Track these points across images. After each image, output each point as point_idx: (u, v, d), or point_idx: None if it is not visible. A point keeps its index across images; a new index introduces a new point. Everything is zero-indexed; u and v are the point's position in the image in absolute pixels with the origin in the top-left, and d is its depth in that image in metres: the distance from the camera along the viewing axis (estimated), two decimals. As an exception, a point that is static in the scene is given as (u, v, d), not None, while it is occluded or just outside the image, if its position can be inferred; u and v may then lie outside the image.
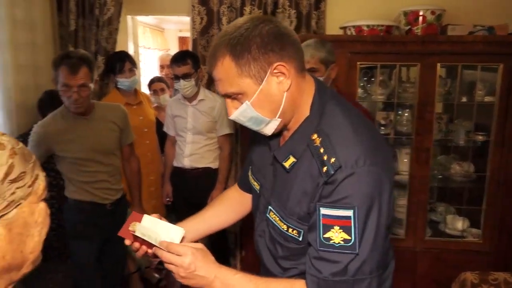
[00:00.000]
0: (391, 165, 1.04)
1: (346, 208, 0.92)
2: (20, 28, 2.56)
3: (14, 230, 0.62)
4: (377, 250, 0.95)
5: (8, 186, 0.59)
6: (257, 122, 1.03)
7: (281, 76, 0.98)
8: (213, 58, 0.99)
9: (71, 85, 1.93)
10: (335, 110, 1.02)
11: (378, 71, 2.47)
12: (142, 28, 4.83)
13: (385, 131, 2.57)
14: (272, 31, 0.96)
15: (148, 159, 2.85)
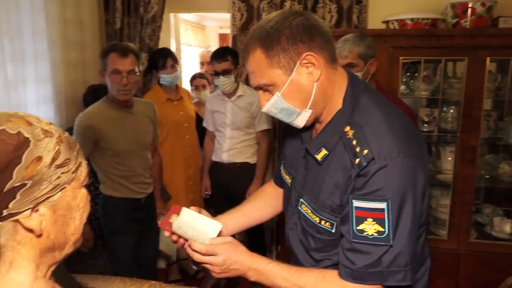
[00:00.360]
0: (425, 158, 1.03)
1: (379, 200, 0.92)
2: (70, 27, 2.68)
3: (58, 212, 0.67)
4: (412, 243, 0.95)
5: (54, 170, 0.64)
6: (288, 114, 1.04)
7: (311, 67, 0.99)
8: (245, 51, 1.03)
9: (121, 70, 2.02)
10: (369, 103, 1.01)
11: (422, 66, 2.39)
12: (184, 25, 4.93)
13: (428, 128, 2.48)
14: (302, 23, 0.98)
15: (188, 154, 2.91)
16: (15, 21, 2.21)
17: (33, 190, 0.62)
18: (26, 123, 0.64)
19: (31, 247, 0.66)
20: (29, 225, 0.64)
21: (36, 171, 0.62)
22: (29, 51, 2.32)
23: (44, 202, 0.64)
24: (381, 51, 2.24)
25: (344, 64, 1.94)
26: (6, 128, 0.61)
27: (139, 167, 2.23)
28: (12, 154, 0.60)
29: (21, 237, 0.65)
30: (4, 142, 0.60)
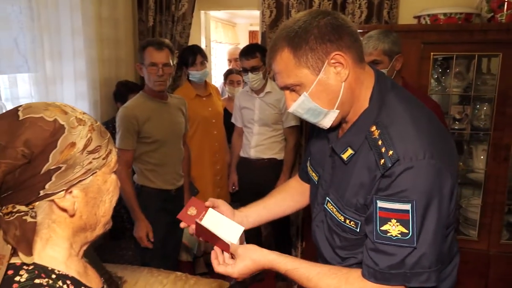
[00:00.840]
0: (453, 157, 1.00)
1: (404, 201, 0.91)
2: (105, 25, 2.78)
3: (90, 195, 0.73)
4: (436, 245, 0.93)
5: (86, 156, 0.70)
6: (315, 114, 1.04)
7: (339, 66, 0.98)
8: (272, 51, 1.03)
9: (157, 63, 2.19)
10: (395, 102, 1.00)
11: (454, 62, 2.33)
12: (215, 23, 5.00)
13: (460, 126, 2.42)
14: (330, 23, 0.98)
15: (215, 149, 2.97)
16: (54, 19, 2.32)
17: (67, 173, 0.68)
18: (62, 111, 0.70)
19: (65, 226, 0.72)
20: (63, 205, 0.69)
21: (70, 156, 0.68)
22: (66, 49, 2.43)
23: (77, 184, 0.70)
24: (411, 47, 2.21)
25: (368, 61, 1.92)
26: (44, 115, 0.67)
27: (173, 157, 2.35)
28: (48, 139, 0.66)
29: (56, 216, 0.71)
30: (42, 128, 0.66)
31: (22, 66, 2.25)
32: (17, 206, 0.65)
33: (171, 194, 2.38)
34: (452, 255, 1.11)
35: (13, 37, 2.17)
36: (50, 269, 0.68)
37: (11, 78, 2.15)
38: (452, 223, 1.05)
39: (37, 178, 0.66)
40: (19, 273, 0.64)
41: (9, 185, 0.64)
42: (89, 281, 0.75)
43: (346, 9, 2.73)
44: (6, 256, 0.63)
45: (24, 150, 0.64)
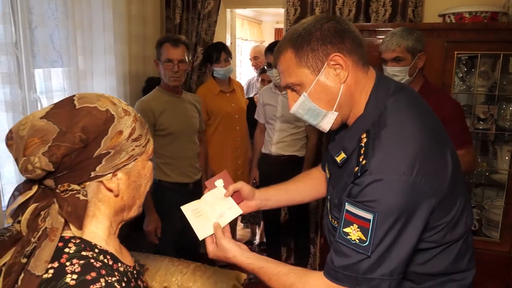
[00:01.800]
0: (445, 175, 0.97)
1: (368, 210, 0.92)
2: (134, 22, 2.88)
3: (131, 178, 0.81)
4: (393, 259, 0.93)
5: (130, 143, 0.78)
6: (314, 115, 1.06)
7: (338, 68, 1.01)
8: (278, 51, 1.08)
9: (173, 59, 2.29)
10: (392, 110, 1.00)
11: (479, 61, 2.31)
12: (241, 20, 5.05)
13: (484, 126, 2.39)
14: (333, 26, 1.01)
15: (238, 144, 3.03)
16: (87, 16, 2.43)
17: (114, 158, 0.76)
18: (111, 103, 0.78)
19: (108, 205, 0.80)
20: (110, 186, 0.78)
21: (118, 143, 0.76)
22: (98, 45, 2.54)
23: (121, 168, 0.79)
24: (435, 45, 2.20)
25: (391, 58, 1.95)
26: (97, 105, 0.75)
27: (189, 150, 2.44)
28: (101, 126, 0.74)
29: (102, 196, 0.79)
30: (96, 117, 0.74)
31: (56, 61, 2.37)
32: (71, 185, 0.73)
33: (189, 188, 2.45)
34: (457, 270, 1.07)
35: (48, 34, 2.29)
36: (93, 244, 0.76)
37: (46, 72, 2.27)
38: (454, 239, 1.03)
39: (90, 161, 0.74)
40: (68, 245, 0.72)
41: (66, 165, 0.72)
42: (124, 258, 0.82)
43: (370, 7, 2.73)
44: (59, 229, 0.71)
45: (82, 135, 0.71)
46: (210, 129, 2.90)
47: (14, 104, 2.03)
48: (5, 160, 2.05)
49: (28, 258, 0.68)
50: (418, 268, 1.05)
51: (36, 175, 0.71)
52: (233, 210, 1.26)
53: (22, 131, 0.72)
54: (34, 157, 0.69)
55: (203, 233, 1.20)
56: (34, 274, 0.67)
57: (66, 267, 0.68)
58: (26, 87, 2.09)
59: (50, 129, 0.71)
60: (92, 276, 0.68)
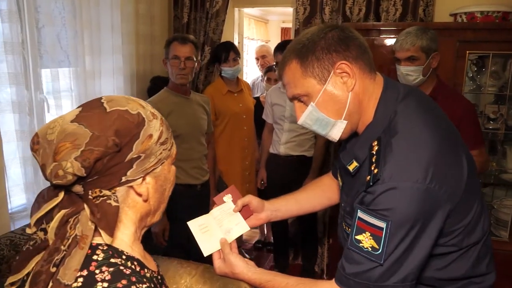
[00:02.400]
0: (459, 182, 0.95)
1: (381, 219, 0.91)
2: (141, 21, 2.87)
3: (158, 182, 0.79)
4: (406, 267, 0.92)
5: (159, 147, 0.76)
6: (323, 125, 1.04)
7: (345, 76, 1.00)
8: (282, 63, 1.06)
9: (180, 56, 2.27)
10: (403, 115, 0.98)
11: (490, 61, 2.28)
12: (247, 20, 5.03)
13: (494, 126, 2.37)
14: (337, 35, 1.00)
15: (245, 144, 3.01)
16: (95, 16, 2.41)
17: (144, 162, 0.74)
18: (140, 106, 0.76)
19: (135, 211, 0.78)
20: (140, 191, 0.76)
21: (148, 146, 0.74)
22: (105, 45, 2.52)
23: (150, 173, 0.77)
24: (446, 45, 2.17)
25: (405, 57, 1.92)
26: (128, 108, 0.73)
27: (196, 151, 2.41)
28: (134, 130, 0.72)
29: (130, 201, 0.77)
30: (128, 120, 0.72)
31: (63, 61, 2.36)
32: (103, 190, 0.71)
33: (197, 189, 2.44)
34: (476, 274, 1.06)
35: (56, 33, 2.28)
36: (120, 250, 0.74)
37: (53, 72, 2.25)
38: (472, 243, 1.02)
39: (122, 165, 0.72)
40: (96, 253, 0.70)
41: (97, 170, 0.70)
42: (148, 263, 0.80)
43: (381, 6, 2.70)
44: (89, 236, 0.68)
45: (115, 139, 0.70)
46: (218, 129, 2.88)
47: (21, 105, 2.02)
48: (12, 162, 2.04)
49: (57, 267, 0.66)
50: (437, 274, 1.03)
51: (67, 181, 0.68)
52: (241, 226, 1.25)
53: (51, 135, 0.69)
54: (66, 162, 0.67)
55: (209, 249, 1.19)
56: (63, 283, 0.64)
57: (96, 275, 0.67)
58: (33, 87, 2.08)
59: (82, 133, 0.68)
60: (123, 284, 0.66)
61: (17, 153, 2.04)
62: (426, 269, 1.01)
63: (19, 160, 2.05)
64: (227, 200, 1.31)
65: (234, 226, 1.24)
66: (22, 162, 2.05)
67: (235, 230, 1.23)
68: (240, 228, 1.24)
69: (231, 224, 1.24)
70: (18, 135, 2.02)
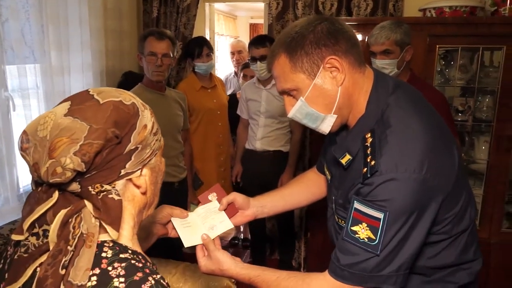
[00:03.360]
0: (451, 172, 0.98)
1: (379, 209, 0.92)
2: (110, 16, 2.77)
3: (153, 174, 0.78)
4: (402, 256, 0.94)
5: (152, 137, 0.75)
6: (313, 119, 1.04)
7: (335, 71, 0.99)
8: (271, 56, 1.05)
9: (157, 52, 2.20)
10: (395, 107, 0.99)
11: (459, 55, 2.37)
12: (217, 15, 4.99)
13: (462, 118, 2.46)
14: (326, 28, 0.99)
15: (220, 141, 2.99)
16: (62, 10, 2.31)
17: (142, 154, 0.73)
18: (131, 96, 0.74)
19: (134, 204, 0.76)
20: (139, 183, 0.74)
21: (144, 137, 0.72)
22: (73, 40, 2.42)
23: (146, 164, 0.75)
24: (417, 39, 2.23)
25: (380, 51, 1.96)
26: (122, 99, 0.71)
27: (172, 149, 2.36)
28: (131, 120, 0.70)
29: (129, 194, 0.75)
30: (124, 111, 0.70)
31: (28, 57, 2.24)
32: (104, 185, 0.68)
33: (174, 187, 2.40)
34: (464, 261, 1.09)
35: (20, 28, 2.16)
36: (124, 245, 0.72)
37: (19, 69, 2.14)
38: (461, 230, 1.04)
39: (121, 158, 0.69)
40: (103, 250, 0.67)
41: (96, 165, 0.66)
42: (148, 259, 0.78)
43: (352, 2, 2.74)
44: (95, 234, 0.66)
45: (115, 131, 0.67)
46: (192, 126, 2.83)
47: (-15, 103, 1.91)
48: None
49: (66, 268, 0.62)
50: (428, 262, 1.06)
51: (66, 178, 0.64)
52: (224, 224, 1.24)
53: (42, 131, 0.65)
54: (65, 158, 0.63)
55: (189, 241, 1.18)
56: (76, 284, 0.61)
57: (109, 272, 0.64)
58: (-3, 85, 1.97)
59: (78, 127, 0.64)
60: (139, 276, 0.65)
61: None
62: (419, 258, 1.03)
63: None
64: (212, 198, 1.29)
65: (218, 223, 1.23)
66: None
67: (219, 227, 1.22)
68: (224, 226, 1.23)
69: (215, 222, 1.23)
70: (-19, 135, 1.91)
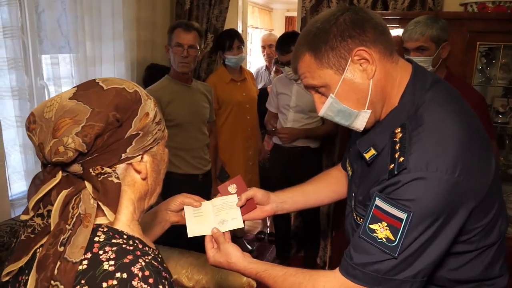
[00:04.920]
0: (487, 178, 0.91)
1: (402, 209, 0.86)
2: (143, 7, 2.80)
3: (155, 162, 0.81)
4: (421, 262, 0.87)
5: (154, 126, 0.78)
6: (346, 116, 0.98)
7: (364, 63, 0.93)
8: (295, 57, 1.01)
9: (183, 43, 2.22)
10: (431, 104, 0.92)
11: (501, 53, 2.22)
12: (251, 7, 4.96)
13: (502, 120, 2.33)
14: (349, 18, 0.93)
15: (248, 134, 2.97)
16: (96, 1, 2.35)
17: (143, 140, 0.75)
18: (135, 85, 0.77)
19: (134, 189, 0.79)
20: (140, 168, 0.77)
21: (145, 124, 0.75)
22: (106, 31, 2.46)
23: (148, 151, 0.78)
24: (456, 35, 2.12)
25: (414, 47, 1.87)
26: (125, 87, 0.74)
27: (197, 141, 2.37)
28: (132, 106, 0.73)
29: (129, 179, 0.77)
30: (126, 97, 0.73)
31: (64, 47, 2.31)
32: (104, 167, 0.71)
33: (198, 179, 2.41)
34: (488, 277, 1.02)
35: (56, 18, 2.22)
36: (120, 231, 0.73)
37: (54, 58, 2.21)
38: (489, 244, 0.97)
39: (121, 142, 0.72)
40: (97, 234, 0.70)
41: (97, 147, 0.70)
42: (149, 243, 0.79)
43: (388, -5, 2.63)
44: (92, 214, 0.68)
45: (116, 114, 0.70)
46: (221, 119, 2.84)
47: (21, 91, 1.98)
48: (12, 149, 2.00)
49: (64, 246, 0.66)
50: (449, 274, 0.99)
51: (68, 158, 0.67)
52: (236, 221, 1.22)
53: (48, 113, 0.68)
54: (68, 138, 0.66)
55: (194, 231, 1.18)
56: (71, 261, 0.65)
57: (100, 255, 0.67)
58: (33, 73, 2.04)
59: (82, 109, 0.68)
60: (129, 259, 0.67)
61: (17, 140, 2.01)
62: (440, 268, 0.97)
63: (19, 146, 2.02)
64: (232, 190, 1.28)
65: (229, 219, 1.21)
66: (22, 149, 2.02)
67: (229, 223, 1.20)
68: (234, 223, 1.21)
69: (227, 217, 1.22)
70: (18, 122, 1.98)
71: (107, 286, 0.63)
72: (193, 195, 1.25)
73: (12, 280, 0.72)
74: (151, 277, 0.66)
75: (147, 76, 2.78)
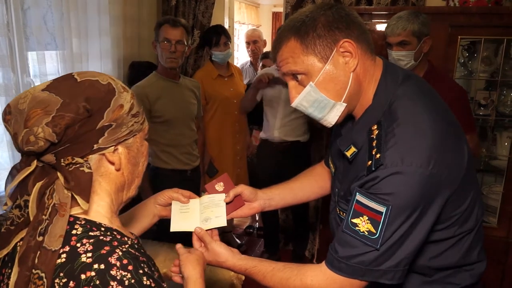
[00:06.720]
0: (460, 168, 0.95)
1: (382, 203, 0.90)
2: (129, 3, 2.80)
3: (131, 154, 0.82)
4: (402, 252, 0.91)
5: (130, 118, 0.79)
6: (320, 107, 0.99)
7: (348, 56, 0.96)
8: (277, 42, 1.01)
9: (171, 39, 2.24)
10: (403, 99, 0.96)
11: (482, 46, 2.28)
12: (238, 3, 4.96)
13: (484, 112, 2.38)
14: (337, 12, 0.96)
15: (236, 129, 2.99)
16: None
17: (116, 131, 0.76)
18: (111, 78, 0.79)
19: (109, 181, 0.80)
20: (112, 159, 0.78)
21: (119, 116, 0.76)
22: (93, 27, 2.45)
23: (122, 143, 0.79)
24: (438, 30, 2.16)
25: (396, 42, 1.91)
26: (99, 79, 0.76)
27: (186, 137, 2.39)
28: (104, 98, 0.75)
29: (103, 170, 0.78)
30: (98, 89, 0.75)
31: (50, 43, 2.30)
32: (75, 158, 0.72)
33: (187, 175, 2.43)
34: (467, 263, 1.06)
35: (41, 15, 2.21)
36: (98, 223, 0.75)
37: (40, 55, 2.20)
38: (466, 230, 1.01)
39: (93, 132, 0.73)
40: (74, 227, 0.72)
41: (68, 138, 0.71)
42: (128, 234, 0.82)
43: (372, -9, 2.67)
44: (67, 203, 0.71)
45: (86, 105, 0.72)
46: (208, 114, 2.85)
47: (7, 88, 1.98)
48: (-1, 145, 2.00)
49: (43, 235, 0.68)
50: (430, 262, 1.03)
51: (39, 147, 0.69)
52: (219, 219, 1.22)
53: (22, 105, 0.70)
54: (38, 128, 0.68)
55: (177, 226, 1.19)
56: (51, 249, 0.67)
57: (77, 248, 0.69)
58: (19, 70, 2.03)
59: (53, 100, 0.70)
60: (106, 249, 0.69)
61: (5, 137, 2.01)
62: (420, 257, 1.01)
63: (6, 143, 2.01)
64: (219, 188, 1.29)
65: (213, 217, 1.22)
66: (10, 146, 2.01)
67: (212, 221, 1.21)
68: (217, 222, 1.22)
69: (211, 215, 1.23)
70: (4, 119, 1.98)
71: (85, 278, 0.65)
72: (184, 191, 1.26)
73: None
74: (130, 264, 0.68)
75: (131, 74, 2.78)
